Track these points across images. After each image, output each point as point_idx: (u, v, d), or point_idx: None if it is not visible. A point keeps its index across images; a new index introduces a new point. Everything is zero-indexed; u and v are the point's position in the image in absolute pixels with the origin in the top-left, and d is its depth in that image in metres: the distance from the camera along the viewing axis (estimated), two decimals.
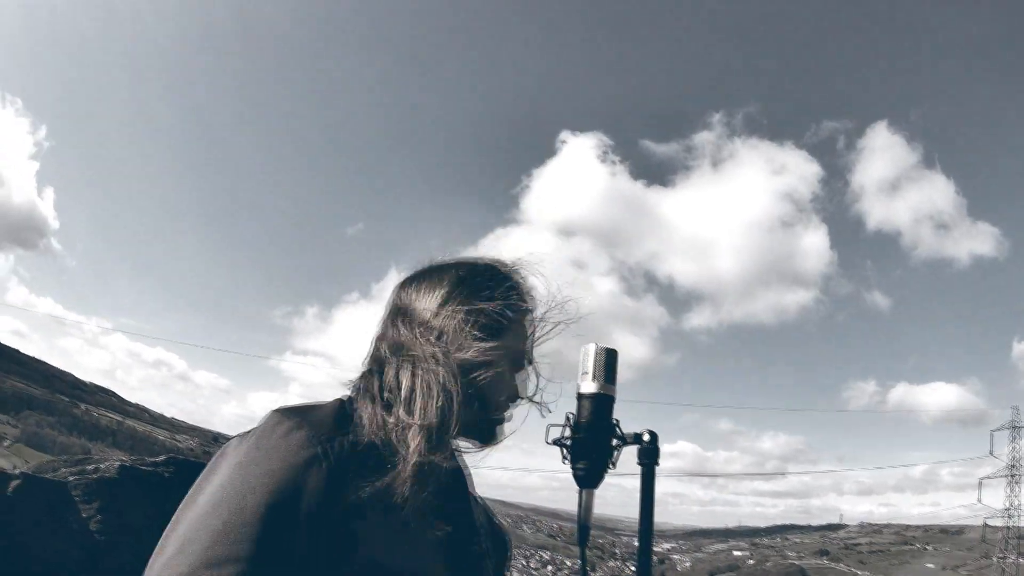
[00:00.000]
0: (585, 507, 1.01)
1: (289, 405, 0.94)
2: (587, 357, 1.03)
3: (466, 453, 1.09)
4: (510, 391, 1.08)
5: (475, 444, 1.09)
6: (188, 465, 7.10)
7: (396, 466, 0.92)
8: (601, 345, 1.04)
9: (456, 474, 1.07)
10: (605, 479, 1.02)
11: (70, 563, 5.61)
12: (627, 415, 1.02)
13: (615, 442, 1.02)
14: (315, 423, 0.90)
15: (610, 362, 1.03)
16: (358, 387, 1.04)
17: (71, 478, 6.20)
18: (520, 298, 1.09)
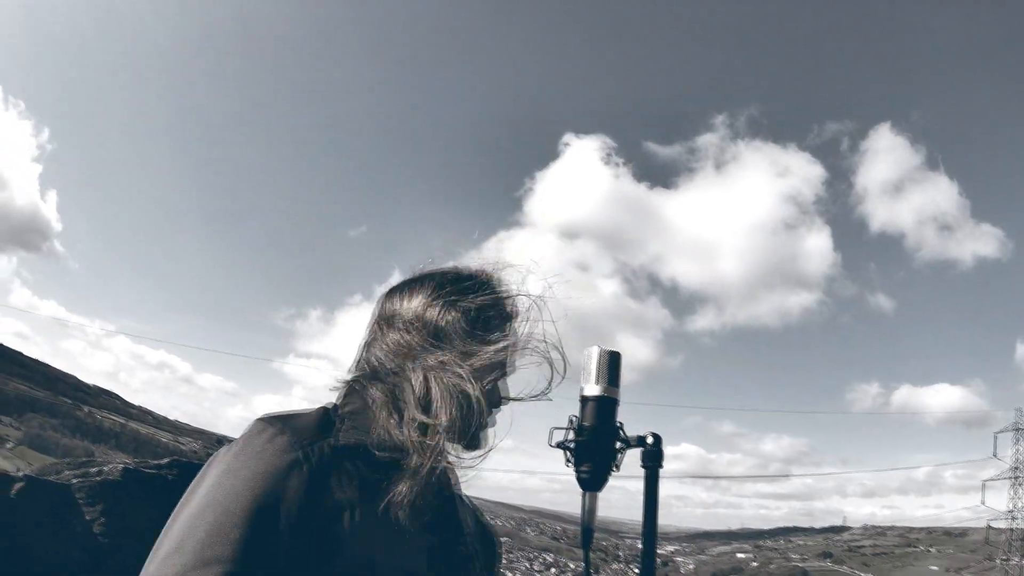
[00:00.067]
0: (589, 510, 1.01)
1: (272, 413, 0.97)
2: (590, 360, 1.03)
3: (454, 458, 1.09)
4: (495, 396, 1.08)
5: (458, 450, 1.09)
6: (192, 468, 7.09)
7: (400, 469, 0.94)
8: (604, 348, 1.03)
9: (441, 475, 1.07)
10: (608, 482, 1.02)
11: (73, 566, 5.61)
12: (630, 417, 1.02)
13: (619, 445, 1.02)
14: (297, 429, 0.93)
15: (613, 365, 1.03)
16: (351, 393, 1.05)
17: (74, 481, 6.20)
18: (504, 303, 1.09)
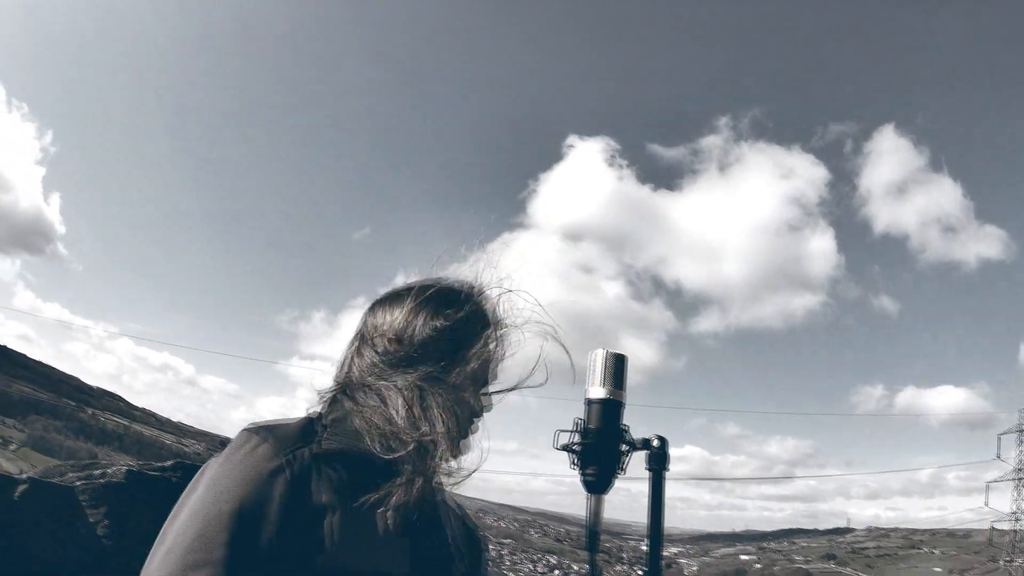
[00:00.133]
0: (594, 512, 1.01)
1: (257, 423, 1.01)
2: (595, 362, 1.03)
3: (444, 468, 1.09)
4: (475, 408, 1.09)
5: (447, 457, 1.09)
6: (195, 470, 7.04)
7: (389, 477, 0.98)
8: (610, 350, 1.04)
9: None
10: (614, 484, 1.02)
11: (76, 568, 5.62)
12: (635, 420, 1.03)
13: (624, 447, 1.02)
14: (280, 437, 0.97)
15: (619, 367, 1.03)
16: (335, 403, 1.06)
17: (78, 483, 6.21)
18: (485, 315, 1.10)
